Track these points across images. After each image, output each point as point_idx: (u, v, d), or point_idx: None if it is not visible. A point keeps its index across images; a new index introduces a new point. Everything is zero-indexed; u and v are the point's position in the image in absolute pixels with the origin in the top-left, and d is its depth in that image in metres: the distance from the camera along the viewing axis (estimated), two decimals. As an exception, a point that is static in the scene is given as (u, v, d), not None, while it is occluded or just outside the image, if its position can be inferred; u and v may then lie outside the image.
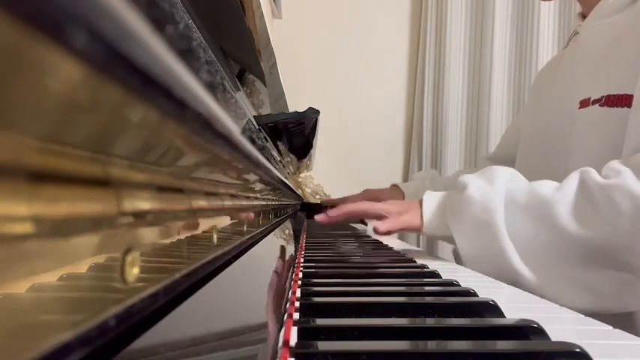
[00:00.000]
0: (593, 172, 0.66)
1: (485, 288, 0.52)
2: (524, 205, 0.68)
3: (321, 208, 1.44)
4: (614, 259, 0.64)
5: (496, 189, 0.70)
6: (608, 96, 0.79)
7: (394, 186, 1.25)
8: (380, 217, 0.81)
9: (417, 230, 0.79)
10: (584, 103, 0.84)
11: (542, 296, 0.48)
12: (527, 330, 0.32)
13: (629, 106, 0.76)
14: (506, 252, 0.68)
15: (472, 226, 0.71)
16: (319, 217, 0.86)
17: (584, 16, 0.93)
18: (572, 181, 0.67)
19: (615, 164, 0.65)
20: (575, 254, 0.65)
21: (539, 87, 1.07)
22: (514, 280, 0.68)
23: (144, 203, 0.16)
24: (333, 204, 1.23)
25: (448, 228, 0.75)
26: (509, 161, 1.07)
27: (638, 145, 0.69)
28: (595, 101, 0.82)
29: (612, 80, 0.80)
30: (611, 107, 0.78)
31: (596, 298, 0.65)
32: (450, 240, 0.76)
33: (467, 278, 0.59)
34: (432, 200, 0.78)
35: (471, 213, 0.71)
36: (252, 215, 0.42)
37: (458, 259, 1.08)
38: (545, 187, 0.68)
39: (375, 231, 0.80)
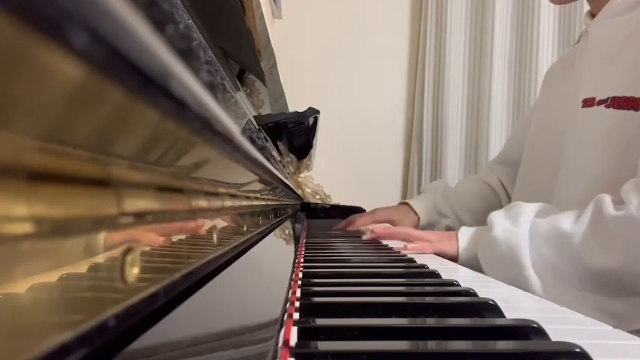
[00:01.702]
0: (607, 202, 0.69)
1: (485, 288, 0.52)
2: (546, 238, 0.74)
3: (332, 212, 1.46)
4: (630, 285, 0.67)
5: (520, 227, 0.76)
6: (614, 97, 0.79)
7: (403, 203, 1.25)
8: (422, 243, 0.89)
9: (452, 259, 0.87)
10: (588, 103, 0.84)
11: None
12: (527, 330, 0.32)
13: (635, 109, 0.75)
14: (531, 284, 0.73)
15: (499, 262, 0.78)
16: (366, 237, 0.98)
17: (592, 14, 0.93)
18: (588, 211, 0.71)
19: (629, 189, 0.67)
20: (594, 283, 0.69)
21: (549, 83, 1.06)
22: None
23: (144, 203, 0.16)
24: (343, 225, 1.24)
25: (479, 261, 0.83)
26: (517, 163, 1.07)
27: None
28: (600, 102, 0.81)
29: (619, 81, 0.79)
30: (616, 109, 0.78)
31: (619, 322, 0.66)
32: (482, 270, 0.83)
33: (467, 278, 0.59)
34: (466, 235, 0.89)
35: (496, 251, 0.78)
36: (252, 215, 0.42)
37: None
38: (565, 219, 0.73)
39: (406, 247, 0.88)
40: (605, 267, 0.67)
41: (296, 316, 0.35)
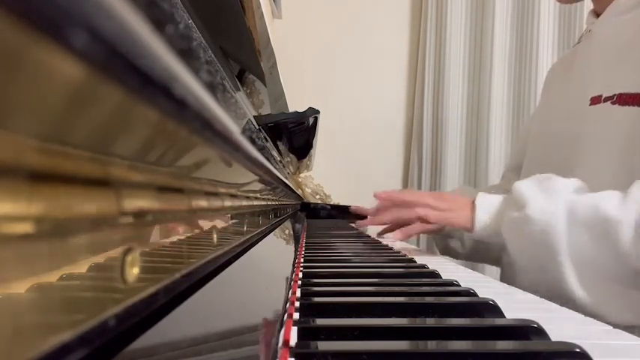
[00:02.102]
0: None
1: (485, 288, 0.52)
2: (587, 222, 0.65)
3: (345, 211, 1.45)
4: None
5: (557, 206, 0.66)
6: (621, 94, 0.78)
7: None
8: (425, 210, 0.79)
9: (465, 230, 0.78)
10: (595, 100, 0.83)
11: (594, 315, 0.44)
12: (527, 330, 0.32)
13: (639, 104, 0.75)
14: (565, 275, 0.66)
15: (531, 246, 0.69)
16: (363, 222, 0.87)
17: (596, 13, 0.92)
18: (636, 197, 0.63)
19: None
20: (636, 278, 0.63)
21: (551, 85, 1.05)
22: (566, 299, 0.65)
23: (144, 203, 0.16)
24: (368, 213, 1.22)
25: (501, 236, 0.73)
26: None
27: None
28: (607, 99, 0.80)
29: (626, 78, 0.78)
30: (622, 105, 0.77)
31: None
32: (500, 246, 0.75)
33: (467, 278, 0.59)
34: (486, 206, 0.76)
35: (530, 233, 0.68)
36: (252, 215, 0.42)
37: (445, 252, 1.07)
38: (609, 203, 0.64)
39: (421, 219, 0.80)
40: None
41: (296, 316, 0.35)
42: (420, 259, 0.70)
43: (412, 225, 0.86)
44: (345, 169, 1.84)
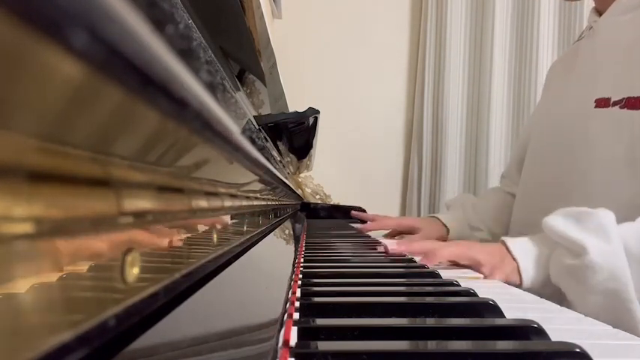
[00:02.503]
0: None
1: (485, 288, 0.52)
2: None
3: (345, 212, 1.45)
4: None
5: (616, 247, 0.60)
6: (629, 98, 0.77)
7: (433, 217, 1.17)
8: (475, 265, 0.70)
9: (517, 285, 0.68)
10: (602, 103, 0.81)
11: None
12: (527, 330, 0.32)
13: None
14: (636, 316, 0.60)
15: (599, 295, 0.61)
16: (393, 248, 0.73)
17: (598, 11, 0.91)
18: None
19: None
20: None
21: (552, 84, 1.04)
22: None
23: (144, 203, 0.16)
24: (367, 219, 1.21)
25: (552, 284, 0.66)
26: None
27: None
28: (615, 103, 0.79)
29: (634, 82, 0.77)
30: (630, 110, 0.76)
31: None
32: (552, 293, 0.67)
33: (466, 278, 0.59)
34: (526, 253, 0.69)
35: (598, 283, 0.60)
36: (252, 215, 0.42)
37: None
38: None
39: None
40: None
41: (296, 316, 0.35)
42: (419, 259, 0.70)
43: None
44: (345, 169, 1.84)
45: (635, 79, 0.77)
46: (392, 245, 0.74)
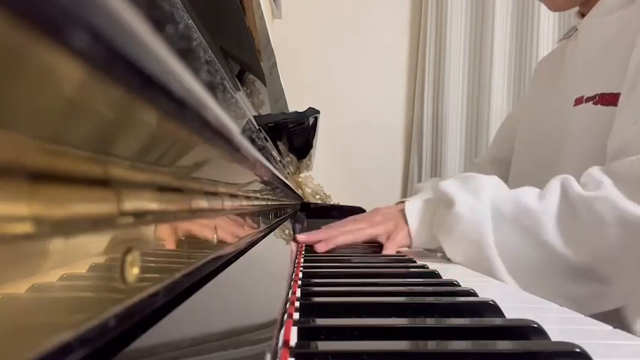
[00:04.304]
0: (574, 182, 0.65)
1: (486, 288, 0.52)
2: (511, 217, 0.68)
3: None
4: (597, 272, 0.63)
5: (482, 203, 0.69)
6: (602, 94, 0.79)
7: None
8: (373, 239, 0.80)
9: (408, 247, 0.80)
10: (578, 101, 0.84)
11: None
12: (527, 330, 0.32)
13: (615, 104, 0.75)
14: (495, 267, 0.68)
15: (463, 243, 0.71)
16: (320, 247, 0.78)
17: (581, 14, 0.93)
18: (555, 190, 0.66)
19: (596, 172, 0.65)
20: (562, 270, 0.65)
21: (538, 80, 1.06)
22: None
23: (144, 203, 0.16)
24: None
25: (437, 240, 0.75)
26: (508, 161, 1.05)
27: (621, 148, 0.68)
28: (589, 99, 0.81)
29: (607, 79, 0.79)
30: (604, 105, 0.78)
31: (577, 307, 0.65)
32: (439, 249, 0.77)
33: (467, 278, 0.59)
34: (415, 214, 0.78)
35: (461, 231, 0.70)
36: (252, 215, 0.42)
37: None
38: (529, 196, 0.67)
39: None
40: (579, 255, 0.63)
41: (296, 316, 0.35)
42: (420, 259, 0.70)
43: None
44: (345, 169, 1.84)
45: (607, 75, 0.79)
46: (300, 237, 0.80)
